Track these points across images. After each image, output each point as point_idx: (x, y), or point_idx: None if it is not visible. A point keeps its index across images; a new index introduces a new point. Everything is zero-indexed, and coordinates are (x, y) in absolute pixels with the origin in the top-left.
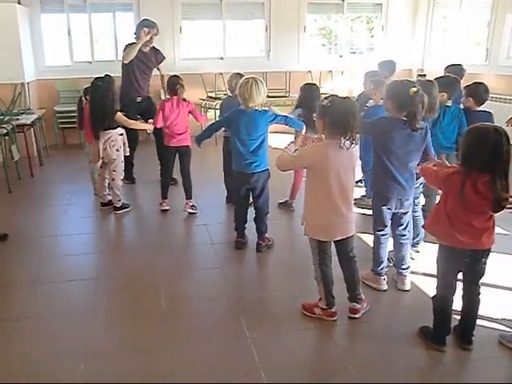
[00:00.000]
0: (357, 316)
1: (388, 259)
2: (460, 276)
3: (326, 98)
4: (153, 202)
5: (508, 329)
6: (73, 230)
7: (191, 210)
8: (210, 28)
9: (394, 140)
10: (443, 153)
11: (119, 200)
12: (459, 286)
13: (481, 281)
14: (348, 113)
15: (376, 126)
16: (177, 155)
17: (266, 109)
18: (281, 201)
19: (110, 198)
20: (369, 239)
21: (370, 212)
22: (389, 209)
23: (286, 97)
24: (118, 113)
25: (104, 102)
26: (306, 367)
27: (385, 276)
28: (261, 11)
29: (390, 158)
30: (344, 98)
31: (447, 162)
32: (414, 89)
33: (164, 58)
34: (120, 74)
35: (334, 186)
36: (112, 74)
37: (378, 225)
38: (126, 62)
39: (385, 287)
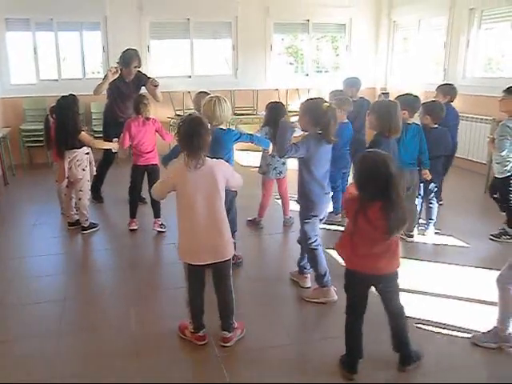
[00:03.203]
0: (228, 345)
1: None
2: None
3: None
4: (121, 221)
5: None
6: (40, 251)
7: (160, 229)
8: (177, 47)
9: (320, 153)
10: (406, 169)
11: (86, 219)
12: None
13: (397, 301)
14: (193, 133)
15: (309, 144)
16: (145, 174)
17: (232, 127)
18: (249, 218)
19: (77, 217)
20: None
21: (339, 228)
22: (319, 219)
23: (253, 114)
24: (83, 132)
25: (65, 121)
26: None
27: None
28: (228, 30)
29: (318, 169)
30: (195, 116)
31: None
32: (327, 104)
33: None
34: (91, 92)
35: (199, 207)
36: (79, 93)
37: (312, 237)
38: (95, 95)
39: (336, 297)
